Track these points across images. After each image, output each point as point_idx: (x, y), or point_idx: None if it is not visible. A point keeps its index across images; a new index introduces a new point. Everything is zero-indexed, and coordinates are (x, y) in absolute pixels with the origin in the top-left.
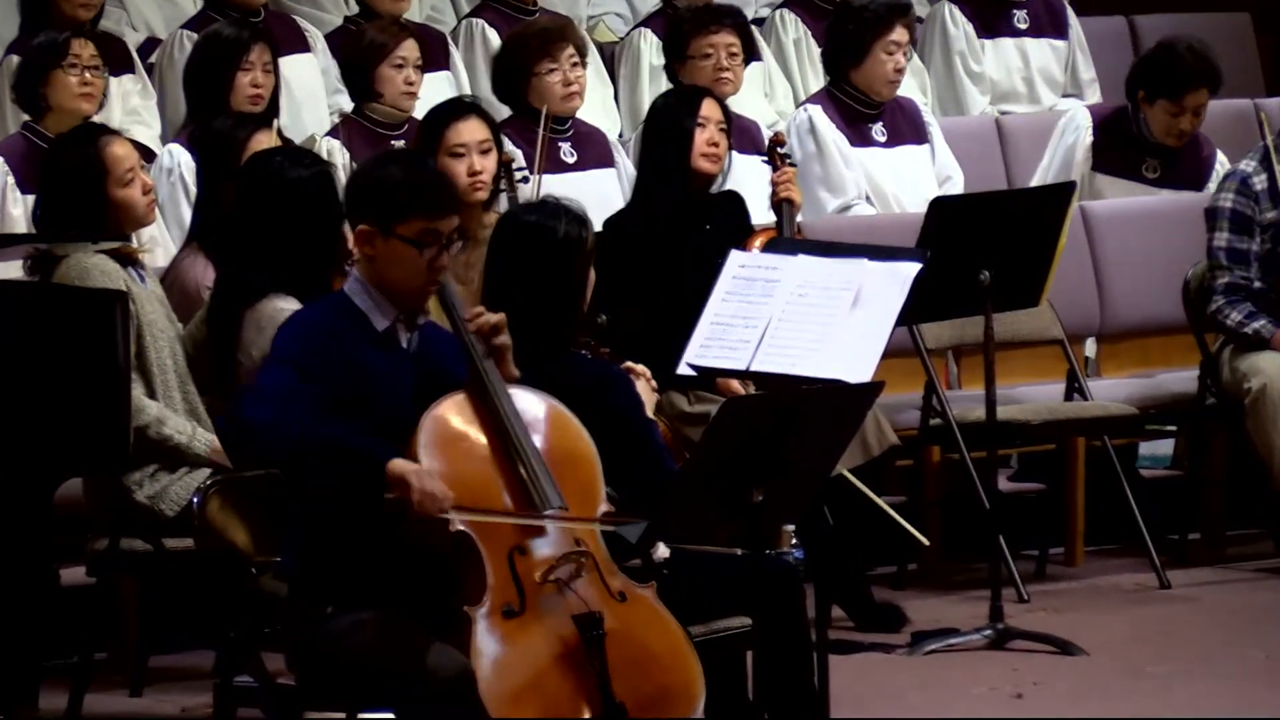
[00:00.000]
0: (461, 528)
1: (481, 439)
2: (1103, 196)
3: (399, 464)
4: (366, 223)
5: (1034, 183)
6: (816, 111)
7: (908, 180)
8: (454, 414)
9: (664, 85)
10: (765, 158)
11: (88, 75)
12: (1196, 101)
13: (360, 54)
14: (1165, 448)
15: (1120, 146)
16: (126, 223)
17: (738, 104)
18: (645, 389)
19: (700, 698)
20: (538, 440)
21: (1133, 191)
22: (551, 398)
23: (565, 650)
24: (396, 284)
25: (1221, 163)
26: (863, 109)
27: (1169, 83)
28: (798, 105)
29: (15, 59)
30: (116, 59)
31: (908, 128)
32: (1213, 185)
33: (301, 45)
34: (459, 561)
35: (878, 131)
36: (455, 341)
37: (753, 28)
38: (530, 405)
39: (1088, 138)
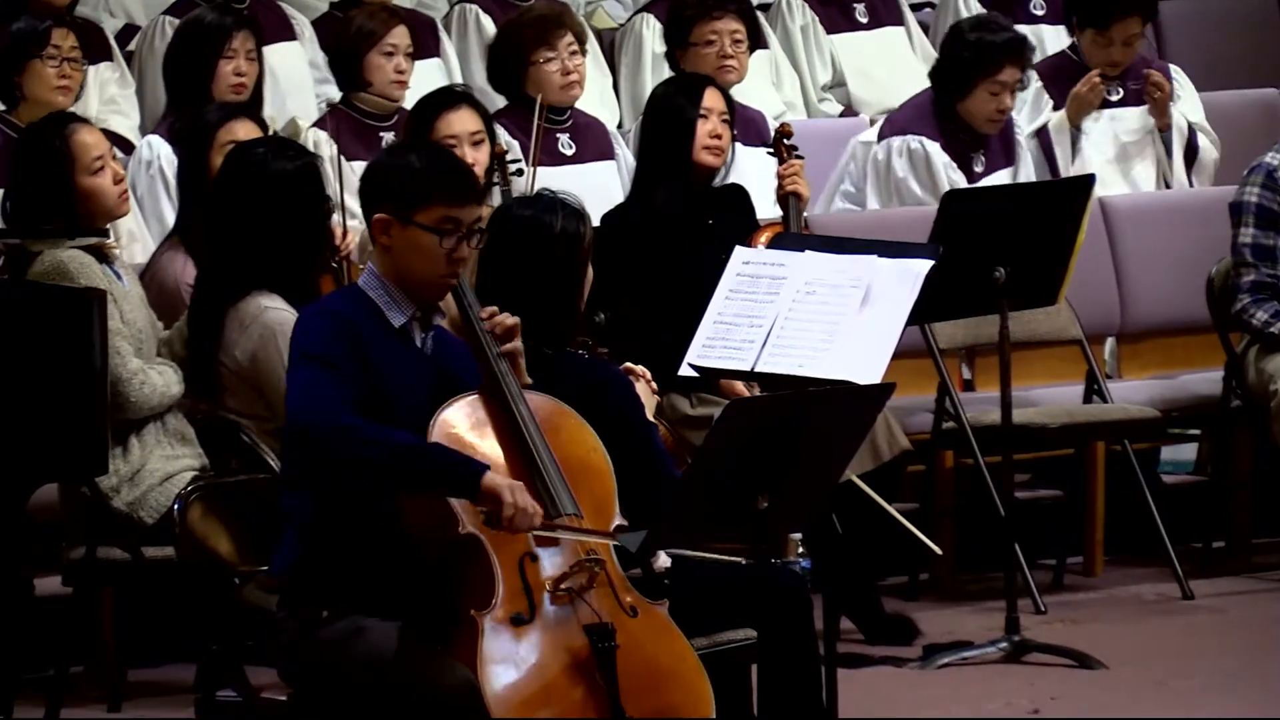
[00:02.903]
0: (472, 530)
1: (495, 443)
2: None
3: (492, 477)
4: (384, 210)
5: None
6: (935, 149)
7: None
8: (466, 415)
9: (666, 73)
10: (771, 150)
11: (66, 68)
12: (1126, 31)
13: (348, 41)
14: (1188, 452)
15: (1071, 80)
16: (97, 214)
17: (743, 94)
18: (645, 391)
19: (711, 717)
20: (554, 449)
21: (1101, 118)
22: (567, 406)
23: (575, 661)
24: (414, 275)
25: (1177, 71)
26: (968, 139)
27: (1096, 10)
28: (898, 131)
29: None
30: (94, 47)
31: (1002, 153)
32: (1181, 101)
33: (288, 33)
34: (464, 566)
35: (977, 162)
36: (467, 349)
37: (758, 14)
38: (546, 412)
39: (1045, 97)
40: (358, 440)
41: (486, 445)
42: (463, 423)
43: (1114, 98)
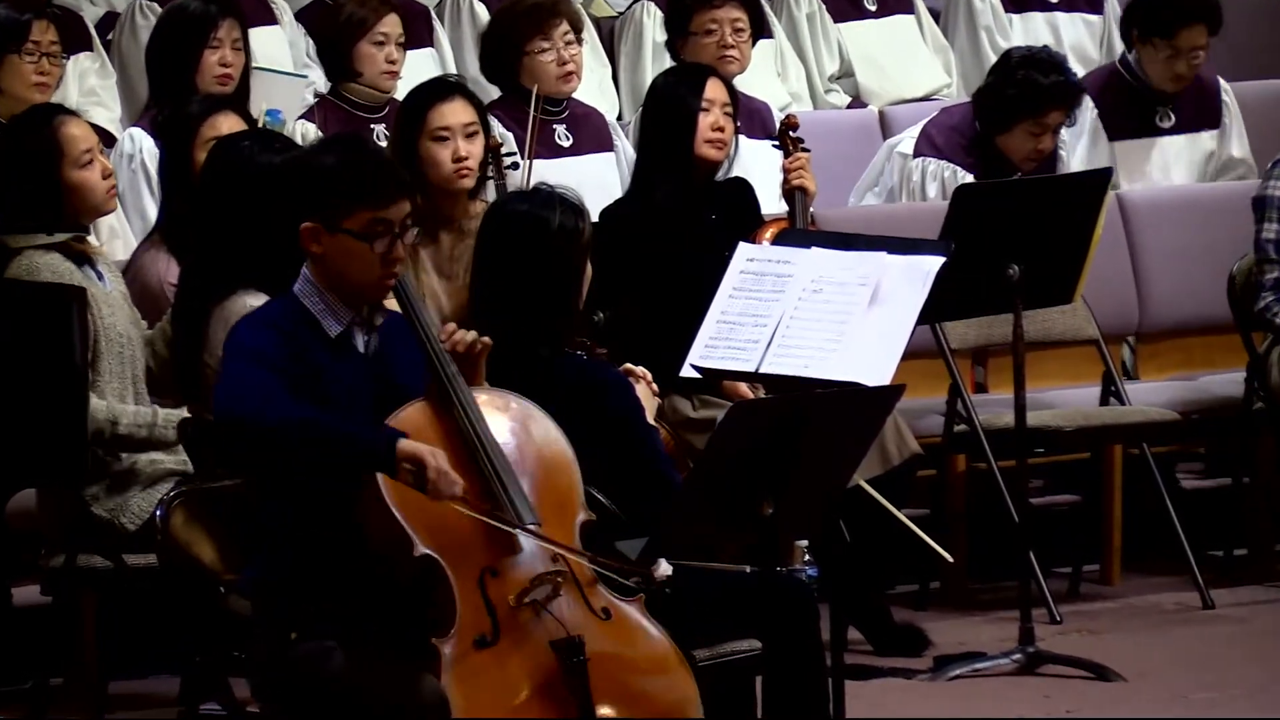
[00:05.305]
0: (427, 551)
1: (445, 453)
2: (1118, 161)
3: (410, 443)
4: (309, 219)
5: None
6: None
7: None
8: (414, 425)
9: (668, 63)
10: (776, 142)
11: (45, 63)
12: (1192, 41)
13: (338, 30)
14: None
15: (1126, 105)
16: (84, 209)
17: (747, 84)
18: (646, 392)
19: (697, 716)
20: (507, 448)
21: (1149, 146)
22: (521, 397)
23: (545, 680)
24: (350, 282)
25: (1226, 91)
26: (1002, 174)
27: (1161, 21)
28: (935, 151)
29: None
30: (73, 36)
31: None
32: (1228, 121)
33: (268, 17)
34: (429, 588)
35: None
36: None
37: (763, 1)
38: (497, 410)
39: (1091, 113)
40: (268, 409)
41: None
42: (409, 433)
43: (1165, 124)
